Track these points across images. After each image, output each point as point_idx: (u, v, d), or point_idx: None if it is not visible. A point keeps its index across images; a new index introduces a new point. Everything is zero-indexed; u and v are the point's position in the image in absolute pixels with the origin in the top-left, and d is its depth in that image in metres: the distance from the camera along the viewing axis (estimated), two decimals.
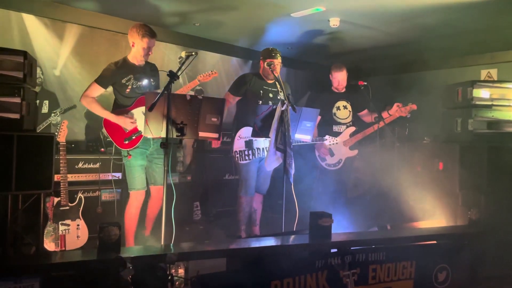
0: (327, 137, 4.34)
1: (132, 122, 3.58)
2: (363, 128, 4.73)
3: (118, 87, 3.62)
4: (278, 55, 4.06)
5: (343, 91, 4.82)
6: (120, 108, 3.65)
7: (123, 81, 3.61)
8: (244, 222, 4.07)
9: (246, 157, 3.92)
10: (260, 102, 4.01)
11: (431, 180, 4.23)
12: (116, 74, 3.60)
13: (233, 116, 4.26)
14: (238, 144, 3.94)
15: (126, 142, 3.60)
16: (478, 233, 3.25)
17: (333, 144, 4.41)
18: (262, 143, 3.96)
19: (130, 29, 3.63)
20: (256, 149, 3.94)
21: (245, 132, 3.94)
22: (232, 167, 4.73)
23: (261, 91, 4.06)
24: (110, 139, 3.67)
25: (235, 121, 4.12)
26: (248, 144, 3.92)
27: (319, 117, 4.55)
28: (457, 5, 4.39)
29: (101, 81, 3.60)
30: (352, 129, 4.71)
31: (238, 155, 3.91)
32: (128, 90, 3.62)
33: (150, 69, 3.81)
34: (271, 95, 4.11)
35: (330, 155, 4.64)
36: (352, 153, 4.69)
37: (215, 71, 4.02)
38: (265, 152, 3.94)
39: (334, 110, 4.72)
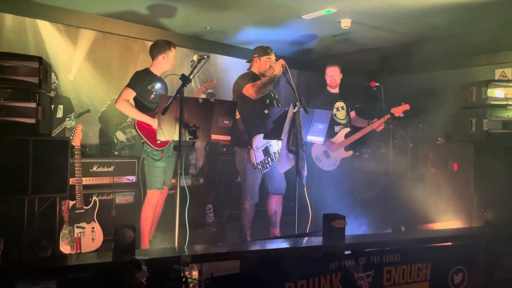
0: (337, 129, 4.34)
1: None
2: (358, 130, 4.66)
3: (143, 93, 3.76)
4: (273, 52, 4.04)
5: (337, 91, 4.76)
6: (146, 112, 3.74)
7: (149, 87, 3.78)
8: (249, 227, 4.05)
9: (267, 165, 3.89)
10: (267, 101, 3.95)
11: (445, 181, 4.18)
12: (144, 79, 3.77)
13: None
14: (258, 156, 3.87)
15: (159, 142, 3.63)
16: (494, 234, 3.20)
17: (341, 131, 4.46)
18: (276, 145, 3.93)
19: (156, 44, 3.89)
20: (273, 154, 3.90)
21: (259, 141, 3.88)
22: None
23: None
24: (135, 141, 3.76)
25: (245, 131, 3.95)
26: (266, 152, 3.89)
27: None
28: (469, 4, 4.35)
29: (133, 85, 3.72)
30: (347, 130, 4.64)
31: (260, 166, 3.87)
32: (152, 95, 3.78)
33: (163, 81, 3.98)
34: (272, 94, 4.09)
35: (325, 156, 4.57)
36: (347, 154, 4.60)
37: (214, 80, 4.53)
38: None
39: (334, 111, 4.67)
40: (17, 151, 3.08)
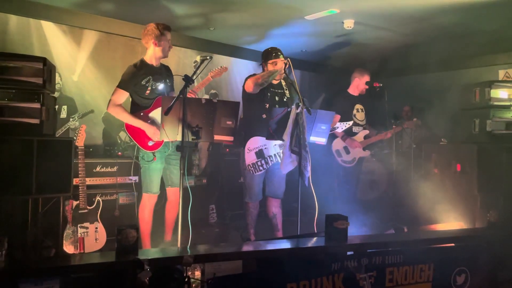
0: (338, 124, 4.35)
1: (156, 131, 3.50)
2: (376, 132, 4.86)
3: (138, 89, 3.54)
4: (280, 53, 3.91)
5: (357, 93, 4.89)
6: (140, 110, 3.58)
7: (143, 82, 3.54)
8: (253, 226, 4.04)
9: (260, 168, 3.85)
10: (267, 105, 3.90)
11: (448, 182, 4.18)
12: (136, 76, 3.53)
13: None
14: (250, 157, 3.83)
15: (151, 144, 3.55)
16: (498, 236, 3.19)
17: (346, 128, 4.46)
18: (273, 149, 3.88)
19: (146, 30, 3.58)
20: (268, 157, 3.85)
21: (253, 143, 3.85)
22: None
23: (268, 94, 3.93)
24: (133, 142, 3.60)
25: (241, 131, 3.91)
26: (259, 154, 3.85)
27: (339, 116, 4.66)
28: (473, 5, 4.34)
29: (124, 85, 3.51)
30: (366, 132, 4.82)
31: (252, 168, 3.83)
32: (148, 91, 3.56)
33: (165, 70, 3.79)
34: (277, 98, 3.99)
35: (345, 152, 4.74)
36: (365, 154, 4.82)
37: (225, 66, 3.96)
38: (277, 158, 3.91)
39: (354, 111, 4.82)
40: (21, 152, 3.10)
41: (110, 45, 5.34)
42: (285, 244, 2.83)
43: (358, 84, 4.83)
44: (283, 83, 4.07)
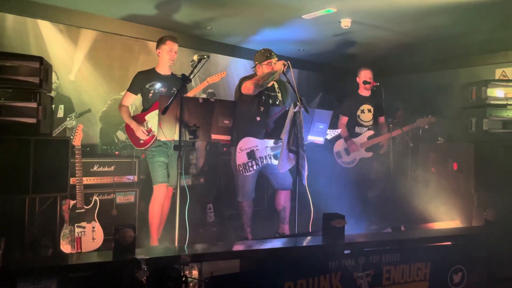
0: (328, 131, 4.35)
1: (143, 132, 3.82)
2: (380, 133, 4.86)
3: (144, 92, 3.88)
4: (273, 53, 3.93)
5: (368, 94, 4.90)
6: (144, 111, 3.90)
7: (147, 86, 3.85)
8: (249, 225, 4.04)
9: (251, 168, 3.85)
10: (262, 108, 3.90)
11: (445, 181, 4.19)
12: (143, 80, 3.87)
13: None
14: (241, 158, 3.85)
15: (141, 142, 3.84)
16: (494, 234, 3.21)
17: (334, 135, 4.44)
18: (264, 151, 3.89)
19: (157, 42, 3.96)
20: (259, 159, 3.86)
21: (245, 143, 3.86)
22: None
23: (263, 97, 3.93)
24: (129, 141, 3.99)
25: (234, 132, 3.86)
26: (250, 155, 3.85)
27: (346, 118, 4.77)
28: (469, 4, 4.35)
29: (132, 88, 3.88)
30: (371, 132, 4.83)
31: (242, 168, 3.84)
32: (150, 94, 3.85)
33: (173, 79, 3.97)
34: (270, 101, 3.99)
35: (346, 153, 4.79)
36: (367, 155, 4.81)
37: (223, 72, 4.25)
38: (269, 160, 3.91)
39: (359, 112, 4.84)
40: (18, 151, 3.10)
41: (107, 44, 5.33)
42: (283, 243, 2.83)
43: (369, 77, 4.83)
44: (276, 86, 4.07)
